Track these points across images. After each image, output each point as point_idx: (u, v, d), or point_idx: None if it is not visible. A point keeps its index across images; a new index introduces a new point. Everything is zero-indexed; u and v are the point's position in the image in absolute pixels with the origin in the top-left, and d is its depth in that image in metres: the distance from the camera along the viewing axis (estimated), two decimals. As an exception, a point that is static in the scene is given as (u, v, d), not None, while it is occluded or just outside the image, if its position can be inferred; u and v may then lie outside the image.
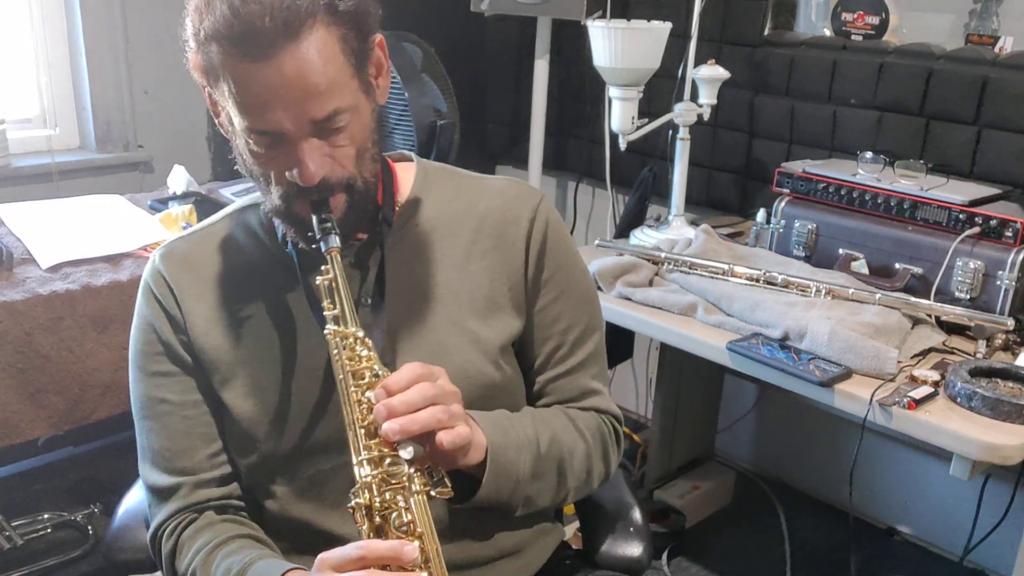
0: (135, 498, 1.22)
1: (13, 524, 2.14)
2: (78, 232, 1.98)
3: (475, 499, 1.01)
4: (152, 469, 1.09)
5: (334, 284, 0.94)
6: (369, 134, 0.99)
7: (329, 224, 0.95)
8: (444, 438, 0.89)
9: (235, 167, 1.02)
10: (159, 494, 1.09)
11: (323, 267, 0.95)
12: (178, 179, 2.31)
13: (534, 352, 1.14)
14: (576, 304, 1.15)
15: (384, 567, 0.83)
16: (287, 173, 0.95)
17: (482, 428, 1.00)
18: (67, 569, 2.12)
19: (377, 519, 0.87)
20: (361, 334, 0.93)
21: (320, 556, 0.85)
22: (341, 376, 0.91)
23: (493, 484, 1.01)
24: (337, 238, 0.95)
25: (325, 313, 0.94)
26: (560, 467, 1.09)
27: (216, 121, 1.01)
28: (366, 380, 0.91)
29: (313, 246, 0.97)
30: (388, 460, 0.87)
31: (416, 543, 0.85)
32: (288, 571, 0.96)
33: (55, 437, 1.85)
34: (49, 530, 2.21)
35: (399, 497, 0.87)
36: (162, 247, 1.13)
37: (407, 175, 1.14)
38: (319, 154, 0.94)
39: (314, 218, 0.96)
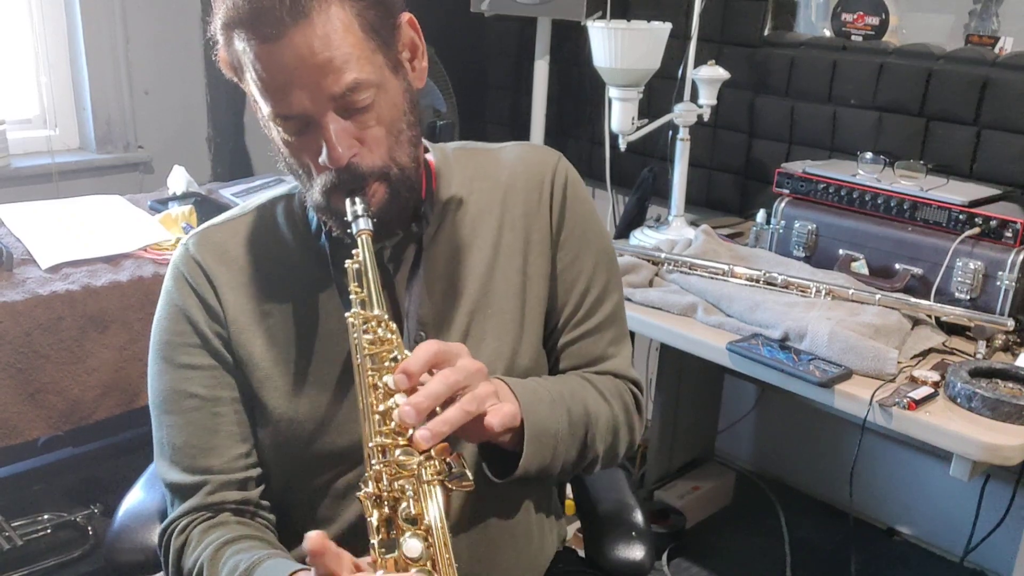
0: (135, 499, 1.22)
1: (13, 525, 2.14)
2: (78, 233, 1.98)
3: (520, 468, 0.96)
4: (171, 466, 1.05)
5: (362, 268, 0.92)
6: (401, 115, 0.97)
7: (361, 208, 0.94)
8: (493, 421, 0.88)
9: (235, 167, 1.02)
10: (178, 491, 1.05)
11: (353, 251, 0.93)
12: (178, 180, 2.31)
13: (552, 317, 1.12)
14: (594, 265, 1.13)
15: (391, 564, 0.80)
16: (320, 160, 0.94)
17: (511, 389, 0.97)
18: (67, 570, 2.11)
19: (386, 510, 0.83)
20: (386, 317, 0.90)
21: None
22: (359, 360, 0.88)
23: (536, 445, 0.97)
24: (368, 221, 0.94)
25: (352, 297, 0.92)
26: (587, 429, 1.05)
27: (260, 122, 1.00)
28: (385, 365, 0.88)
29: (348, 230, 0.95)
30: (400, 449, 0.84)
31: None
32: (297, 571, 0.92)
33: (55, 437, 1.85)
34: (49, 531, 2.20)
35: (408, 487, 0.83)
36: (194, 233, 1.09)
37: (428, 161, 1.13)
38: (346, 135, 0.93)
39: (347, 202, 0.94)
